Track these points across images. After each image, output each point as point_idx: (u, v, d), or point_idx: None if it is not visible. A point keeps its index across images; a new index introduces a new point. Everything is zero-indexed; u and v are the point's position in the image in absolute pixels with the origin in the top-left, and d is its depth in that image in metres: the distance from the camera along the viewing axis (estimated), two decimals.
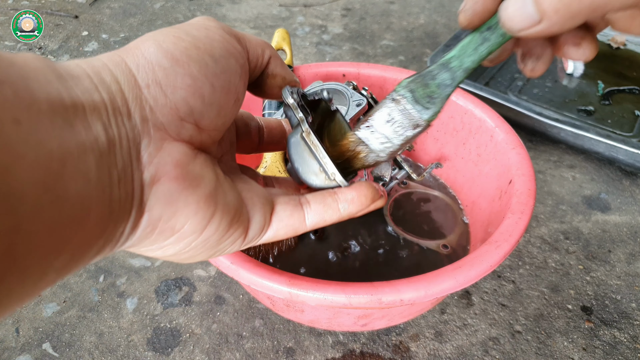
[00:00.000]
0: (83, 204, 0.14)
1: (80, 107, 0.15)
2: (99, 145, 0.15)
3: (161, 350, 0.41)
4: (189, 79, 0.18)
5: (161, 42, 0.18)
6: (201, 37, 0.19)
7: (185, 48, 0.18)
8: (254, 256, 0.42)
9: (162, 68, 0.18)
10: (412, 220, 0.47)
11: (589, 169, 0.60)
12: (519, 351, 0.41)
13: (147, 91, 0.17)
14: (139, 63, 0.17)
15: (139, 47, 0.18)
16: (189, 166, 0.18)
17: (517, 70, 0.74)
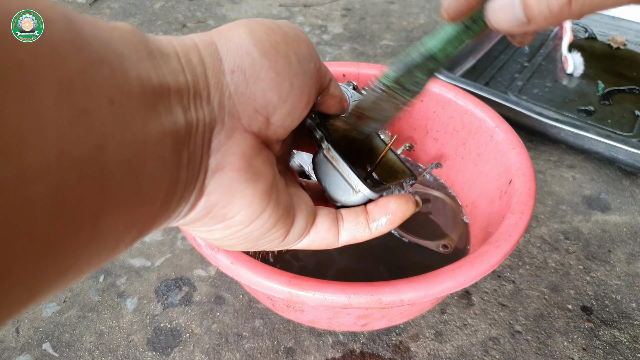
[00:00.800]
0: (155, 184, 0.15)
1: (166, 90, 0.15)
2: (177, 128, 0.15)
3: (161, 350, 0.41)
4: (273, 73, 0.18)
5: (255, 30, 0.18)
6: (291, 34, 0.19)
7: (276, 42, 0.18)
8: (254, 256, 0.42)
9: (251, 57, 0.18)
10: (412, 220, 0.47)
11: (589, 169, 0.60)
12: (519, 351, 0.41)
13: (230, 77, 0.17)
14: (229, 48, 0.18)
15: (232, 31, 0.18)
16: (253, 160, 0.19)
17: (517, 70, 0.74)
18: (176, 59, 0.16)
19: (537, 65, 0.75)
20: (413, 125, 0.53)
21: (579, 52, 0.76)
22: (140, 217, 0.15)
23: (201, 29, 0.91)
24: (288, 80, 0.19)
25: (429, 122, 0.51)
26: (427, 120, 0.51)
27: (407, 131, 0.54)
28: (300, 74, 0.19)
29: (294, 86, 0.19)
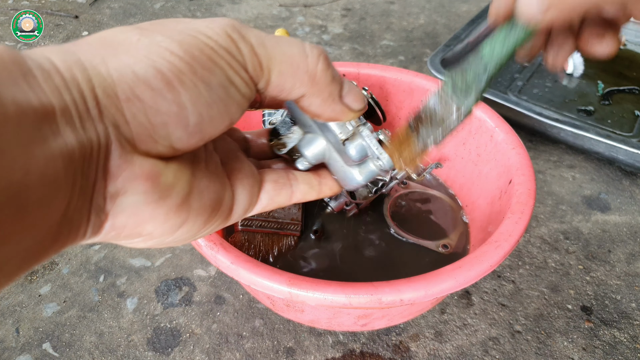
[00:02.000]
0: (45, 210, 0.14)
1: (50, 110, 0.14)
2: (69, 150, 0.14)
3: (161, 350, 0.41)
4: (176, 107, 0.16)
5: (155, 57, 0.16)
6: (203, 58, 0.17)
7: (180, 71, 0.16)
8: (254, 256, 0.42)
9: (150, 88, 0.16)
10: (412, 221, 0.47)
11: (589, 169, 0.60)
12: (519, 351, 0.41)
13: (126, 105, 0.15)
14: (123, 73, 0.15)
15: (129, 53, 0.16)
16: (161, 177, 0.17)
17: (517, 70, 0.74)
18: (58, 76, 0.15)
19: (537, 65, 0.75)
20: None
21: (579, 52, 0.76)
22: (29, 243, 0.14)
23: None
24: (196, 113, 0.17)
25: None
26: None
27: None
28: (213, 103, 0.17)
29: (204, 116, 0.17)
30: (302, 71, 0.19)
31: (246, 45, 0.18)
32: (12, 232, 0.13)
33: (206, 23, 0.17)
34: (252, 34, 0.18)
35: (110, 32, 0.17)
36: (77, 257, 0.49)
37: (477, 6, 0.96)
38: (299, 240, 0.45)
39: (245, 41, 0.18)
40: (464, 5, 0.99)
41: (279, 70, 0.18)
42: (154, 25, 0.17)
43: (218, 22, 0.18)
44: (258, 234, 0.43)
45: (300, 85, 0.19)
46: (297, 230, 0.45)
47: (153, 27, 0.17)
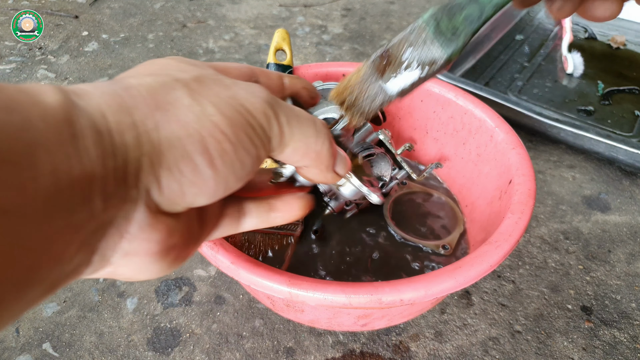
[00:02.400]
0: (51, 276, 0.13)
1: (89, 177, 0.13)
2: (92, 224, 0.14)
3: (161, 350, 0.41)
4: (212, 182, 0.17)
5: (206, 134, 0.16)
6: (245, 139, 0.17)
7: (225, 152, 0.17)
8: (254, 256, 0.42)
9: (193, 163, 0.16)
10: (411, 221, 0.47)
11: (589, 169, 0.60)
12: (519, 351, 0.41)
13: (165, 174, 0.16)
14: (173, 145, 0.15)
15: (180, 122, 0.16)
16: (169, 240, 0.17)
17: (517, 70, 0.74)
18: (109, 139, 0.14)
19: (537, 65, 0.75)
20: (413, 125, 0.53)
21: (579, 52, 0.76)
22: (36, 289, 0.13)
23: (201, 29, 0.91)
24: (226, 186, 0.17)
25: (429, 122, 0.51)
26: (427, 120, 0.51)
27: (407, 131, 0.54)
28: (241, 177, 0.18)
29: (231, 187, 0.18)
30: (312, 150, 0.20)
31: (277, 124, 0.19)
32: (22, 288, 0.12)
33: (248, 96, 0.18)
34: (282, 112, 0.19)
35: (160, 85, 0.17)
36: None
37: None
38: (299, 240, 0.45)
39: (277, 120, 0.19)
40: None
41: (294, 147, 0.20)
42: (201, 86, 0.17)
43: (258, 97, 0.18)
44: (258, 234, 0.43)
45: (307, 161, 0.21)
46: (297, 231, 0.45)
47: (201, 88, 0.17)
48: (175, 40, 0.87)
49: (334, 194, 0.46)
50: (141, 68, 0.18)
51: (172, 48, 0.85)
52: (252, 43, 0.87)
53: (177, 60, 0.19)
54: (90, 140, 0.14)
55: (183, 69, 0.18)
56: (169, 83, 0.17)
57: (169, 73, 0.17)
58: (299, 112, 0.20)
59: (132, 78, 0.17)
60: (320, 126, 0.21)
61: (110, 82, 0.16)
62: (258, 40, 0.87)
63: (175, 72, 0.17)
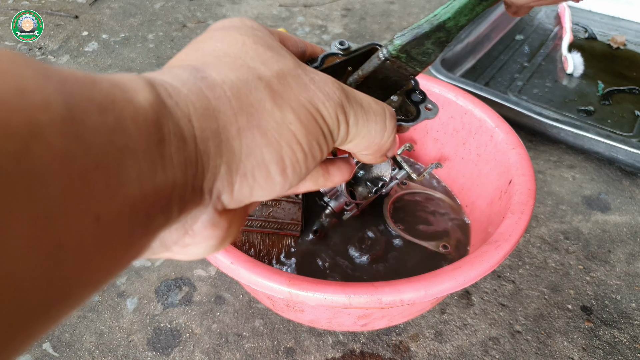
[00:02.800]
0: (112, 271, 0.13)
1: (169, 186, 0.13)
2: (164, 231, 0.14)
3: (161, 350, 0.41)
4: (279, 188, 0.17)
5: (284, 144, 0.16)
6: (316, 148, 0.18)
7: (297, 162, 0.17)
8: (254, 256, 0.42)
9: (266, 171, 0.16)
10: (412, 221, 0.47)
11: (589, 169, 0.60)
12: (519, 351, 0.41)
13: (239, 180, 0.16)
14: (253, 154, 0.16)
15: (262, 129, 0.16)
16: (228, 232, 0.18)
17: (517, 70, 0.74)
18: (192, 146, 0.14)
19: (537, 65, 0.75)
20: None
21: (579, 52, 0.76)
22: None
23: (201, 29, 0.91)
24: (289, 186, 0.18)
25: (428, 122, 0.51)
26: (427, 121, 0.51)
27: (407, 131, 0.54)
28: (304, 177, 0.18)
29: (292, 186, 0.18)
30: (375, 144, 0.20)
31: (345, 125, 0.19)
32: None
33: (324, 98, 0.18)
34: (351, 111, 0.19)
35: (244, 84, 0.16)
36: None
37: None
38: (300, 241, 0.45)
39: (347, 121, 0.19)
40: None
41: (356, 143, 0.20)
42: (282, 85, 0.17)
43: (333, 99, 0.18)
44: (258, 234, 0.43)
45: (367, 152, 0.21)
46: (297, 230, 0.45)
47: (282, 89, 0.17)
48: (175, 40, 0.87)
49: (334, 194, 0.46)
50: (218, 47, 0.17)
51: (172, 48, 0.85)
52: None
53: (253, 40, 0.18)
54: (175, 147, 0.13)
55: (263, 59, 0.17)
56: (252, 82, 0.16)
57: (249, 65, 0.17)
58: (368, 107, 0.20)
59: (214, 70, 0.16)
60: (389, 120, 0.20)
61: (194, 74, 0.16)
62: None
63: (256, 64, 0.17)
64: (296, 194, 0.46)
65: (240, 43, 0.17)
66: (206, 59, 0.17)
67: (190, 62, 0.17)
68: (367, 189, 0.46)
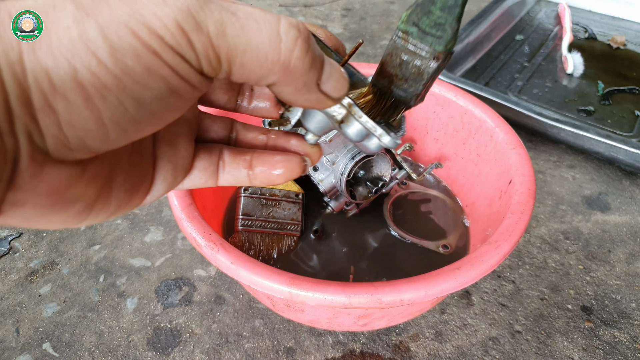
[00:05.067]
0: None
1: None
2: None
3: (161, 350, 0.41)
4: (93, 124, 0.14)
5: (78, 64, 0.13)
6: (138, 68, 0.14)
7: (104, 86, 0.13)
8: (254, 256, 0.42)
9: (66, 100, 0.13)
10: (412, 221, 0.47)
11: (589, 169, 0.60)
12: (519, 351, 0.41)
13: (40, 115, 0.13)
14: (39, 78, 0.13)
15: (51, 49, 0.13)
16: (68, 191, 0.15)
17: (517, 70, 0.74)
18: None
19: (537, 65, 0.75)
20: (413, 125, 0.53)
21: (579, 52, 0.76)
22: None
23: None
24: (119, 130, 0.14)
25: (429, 122, 0.51)
26: (427, 120, 0.51)
27: (407, 131, 0.54)
28: (142, 119, 0.15)
29: (130, 132, 0.15)
30: (271, 61, 0.15)
31: (201, 37, 0.14)
32: None
33: (156, 8, 0.14)
34: (210, 20, 0.14)
35: (49, 6, 0.14)
36: (77, 257, 0.49)
37: (477, 6, 0.96)
38: (299, 240, 0.45)
39: (201, 32, 0.14)
40: None
41: (240, 62, 0.15)
42: (95, 3, 0.14)
43: (173, 5, 0.14)
44: (258, 234, 0.43)
45: (268, 75, 0.16)
46: (297, 230, 0.45)
47: (92, 6, 0.13)
48: None
49: (334, 194, 0.46)
50: None
51: None
52: None
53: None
54: None
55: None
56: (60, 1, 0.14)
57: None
58: (246, 14, 0.15)
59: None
60: (286, 27, 0.15)
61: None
62: None
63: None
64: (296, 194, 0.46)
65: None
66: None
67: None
68: (367, 188, 0.46)
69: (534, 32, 0.84)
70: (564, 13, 0.84)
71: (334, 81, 0.17)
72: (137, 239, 0.51)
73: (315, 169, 0.44)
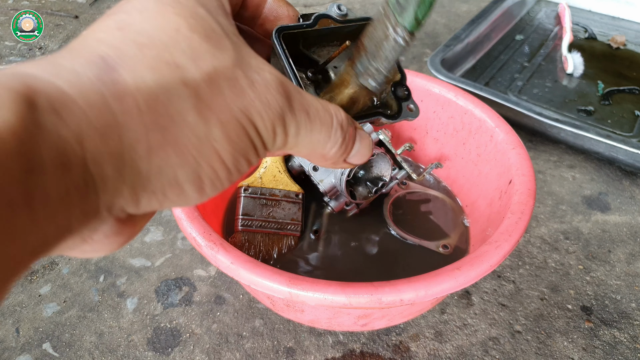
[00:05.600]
0: None
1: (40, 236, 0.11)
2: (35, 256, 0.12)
3: (161, 350, 0.41)
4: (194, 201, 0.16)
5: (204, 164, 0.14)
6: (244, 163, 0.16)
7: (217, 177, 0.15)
8: (254, 256, 0.42)
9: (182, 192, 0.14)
10: (412, 221, 0.47)
11: (589, 169, 0.60)
12: (519, 351, 0.41)
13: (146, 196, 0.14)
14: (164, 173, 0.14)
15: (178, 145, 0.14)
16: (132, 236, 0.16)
17: (517, 70, 0.74)
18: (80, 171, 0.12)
19: (537, 65, 0.75)
20: (413, 125, 0.53)
21: (579, 52, 0.76)
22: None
23: None
24: (206, 199, 0.16)
25: (429, 122, 0.51)
26: (427, 121, 0.51)
27: (407, 131, 0.54)
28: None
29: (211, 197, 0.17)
30: (317, 154, 0.19)
31: (283, 136, 0.17)
32: None
33: (262, 108, 0.15)
34: (294, 122, 0.17)
35: (163, 90, 0.14)
36: (77, 257, 0.49)
37: (477, 6, 0.96)
38: (299, 240, 0.45)
39: (284, 132, 0.16)
40: (464, 5, 0.99)
41: (294, 152, 0.18)
42: (212, 91, 0.14)
43: (273, 109, 0.16)
44: (258, 234, 0.43)
45: (308, 159, 0.20)
46: (297, 230, 0.45)
47: (211, 96, 0.14)
48: None
49: (334, 194, 0.46)
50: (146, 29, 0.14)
51: None
52: None
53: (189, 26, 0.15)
54: (51, 177, 0.11)
55: (196, 54, 0.14)
56: (175, 89, 0.14)
57: (177, 62, 0.14)
58: (315, 115, 0.17)
59: (130, 68, 0.13)
60: (336, 131, 0.18)
61: (102, 74, 0.13)
62: None
63: (185, 61, 0.14)
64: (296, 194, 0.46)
65: (174, 29, 0.14)
66: (126, 47, 0.14)
67: (106, 48, 0.13)
68: (367, 188, 0.46)
69: (534, 32, 0.84)
70: (564, 13, 0.84)
71: (359, 156, 0.20)
72: (137, 239, 0.51)
73: (316, 169, 0.44)
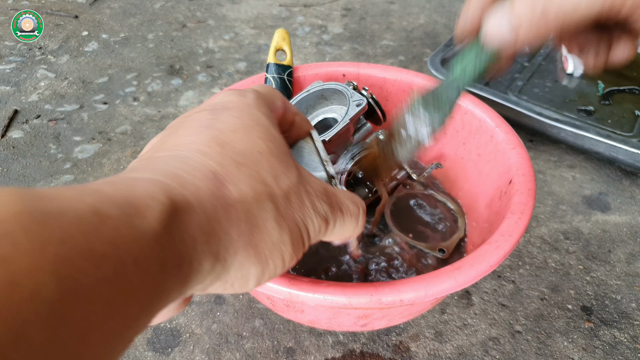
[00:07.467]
0: None
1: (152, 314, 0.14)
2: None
3: (161, 350, 0.41)
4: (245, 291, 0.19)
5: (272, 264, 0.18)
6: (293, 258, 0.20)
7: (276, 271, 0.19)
8: None
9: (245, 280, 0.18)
10: (411, 221, 0.47)
11: (589, 169, 0.60)
12: (519, 351, 0.41)
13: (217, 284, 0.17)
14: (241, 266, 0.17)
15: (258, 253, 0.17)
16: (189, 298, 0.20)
17: (517, 70, 0.74)
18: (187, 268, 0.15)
19: (537, 65, 0.75)
20: None
21: None
22: None
23: (201, 29, 0.91)
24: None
25: None
26: None
27: None
28: None
29: None
30: (345, 238, 0.23)
31: (324, 232, 0.21)
32: None
33: (314, 215, 0.20)
34: (333, 221, 0.21)
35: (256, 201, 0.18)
36: None
37: None
38: None
39: (326, 229, 0.21)
40: None
41: (328, 239, 0.22)
42: (287, 204, 0.18)
43: (321, 214, 0.20)
44: None
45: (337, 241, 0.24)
46: None
47: (286, 208, 0.18)
48: (175, 40, 0.87)
49: None
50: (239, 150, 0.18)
51: (172, 48, 0.85)
52: (252, 43, 0.87)
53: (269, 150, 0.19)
54: (169, 275, 0.14)
55: (275, 173, 0.18)
56: (264, 201, 0.18)
57: (264, 179, 0.18)
58: (347, 210, 0.22)
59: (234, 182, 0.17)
60: (361, 218, 0.23)
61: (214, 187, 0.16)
62: (258, 40, 0.87)
63: (269, 179, 0.18)
64: None
65: (258, 151, 0.18)
66: (228, 164, 0.17)
67: (214, 164, 0.17)
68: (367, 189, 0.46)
69: None
70: None
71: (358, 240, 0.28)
72: None
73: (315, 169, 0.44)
